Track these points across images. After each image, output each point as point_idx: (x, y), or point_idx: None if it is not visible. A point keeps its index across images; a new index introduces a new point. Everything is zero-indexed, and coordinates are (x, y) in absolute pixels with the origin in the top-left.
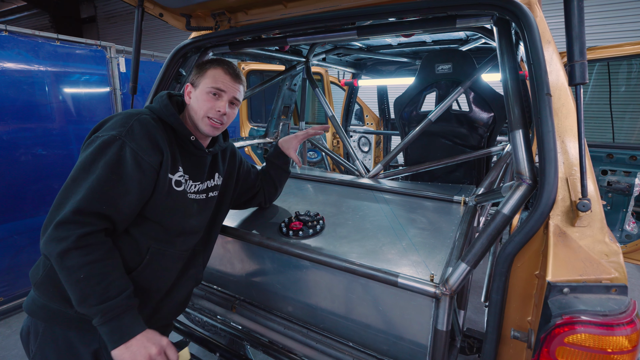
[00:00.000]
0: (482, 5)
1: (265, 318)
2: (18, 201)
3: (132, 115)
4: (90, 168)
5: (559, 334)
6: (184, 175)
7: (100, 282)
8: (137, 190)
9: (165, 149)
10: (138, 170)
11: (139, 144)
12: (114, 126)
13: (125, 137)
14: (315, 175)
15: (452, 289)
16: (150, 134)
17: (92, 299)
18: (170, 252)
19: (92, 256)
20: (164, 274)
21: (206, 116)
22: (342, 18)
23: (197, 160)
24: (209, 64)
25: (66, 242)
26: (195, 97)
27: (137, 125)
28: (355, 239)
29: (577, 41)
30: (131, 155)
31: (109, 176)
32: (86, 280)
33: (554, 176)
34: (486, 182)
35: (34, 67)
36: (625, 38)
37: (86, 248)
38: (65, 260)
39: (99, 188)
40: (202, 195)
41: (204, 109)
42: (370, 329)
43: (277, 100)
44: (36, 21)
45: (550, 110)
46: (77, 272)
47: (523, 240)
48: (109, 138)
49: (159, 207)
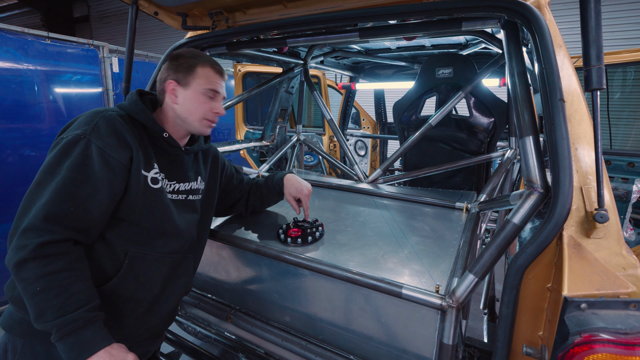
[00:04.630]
0: (490, 8)
1: (261, 329)
2: (4, 203)
3: (97, 112)
4: (55, 170)
5: (578, 353)
6: (160, 172)
7: (58, 295)
8: (107, 189)
9: (134, 145)
10: (106, 168)
11: (105, 141)
12: (79, 125)
13: (90, 135)
14: (313, 180)
15: (459, 301)
16: (116, 130)
17: (49, 314)
18: (151, 255)
19: (50, 267)
20: (147, 280)
21: (204, 118)
22: (345, 19)
23: (174, 159)
24: (193, 59)
25: (23, 252)
26: (186, 97)
27: (102, 122)
28: (355, 247)
29: (594, 45)
30: (98, 153)
31: (75, 177)
32: (43, 293)
33: (568, 185)
34: (488, 188)
35: (23, 66)
36: (621, 46)
37: (45, 259)
38: (21, 271)
39: (65, 190)
40: (182, 197)
41: (201, 112)
42: (372, 341)
43: (274, 103)
44: (27, 20)
45: (564, 117)
46: (34, 284)
47: (536, 251)
48: (73, 137)
49: (136, 207)
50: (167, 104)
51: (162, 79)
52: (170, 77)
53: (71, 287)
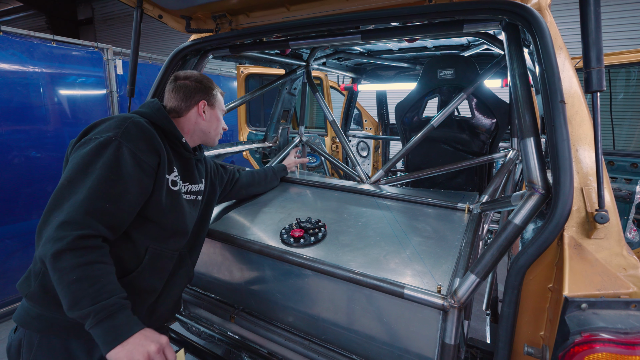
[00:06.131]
0: (491, 10)
1: (264, 329)
2: (10, 204)
3: (126, 118)
4: (88, 169)
5: (578, 353)
6: (178, 175)
7: (93, 284)
8: (137, 189)
9: (162, 151)
10: (138, 169)
11: (136, 144)
12: (109, 128)
13: (122, 137)
14: (315, 181)
15: (461, 301)
16: (146, 135)
17: (85, 301)
18: (165, 252)
19: (86, 258)
20: (159, 273)
21: (219, 132)
22: (347, 22)
23: (186, 162)
24: (211, 84)
25: (62, 243)
26: (211, 115)
27: (133, 127)
28: (358, 247)
29: (594, 47)
30: (130, 155)
31: (109, 176)
32: (79, 283)
33: (569, 186)
34: (489, 189)
35: (28, 68)
36: (624, 46)
37: (81, 250)
38: (58, 262)
39: (100, 187)
40: (192, 197)
41: (219, 128)
42: (374, 341)
43: (277, 104)
44: (32, 22)
45: (565, 118)
46: (70, 273)
47: (537, 252)
48: (105, 140)
49: (159, 207)
50: (191, 118)
51: (189, 97)
52: (203, 97)
53: (104, 277)
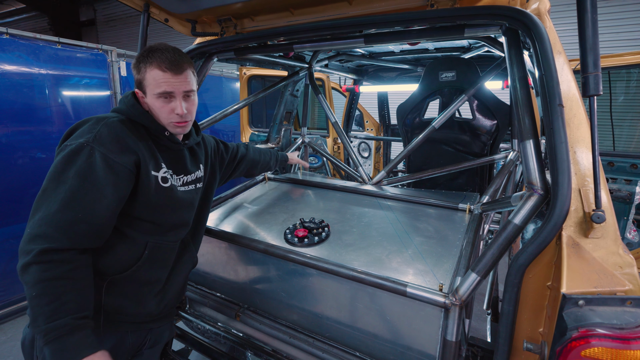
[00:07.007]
0: (492, 16)
1: (269, 326)
2: (15, 205)
3: (99, 120)
4: (61, 178)
5: (575, 347)
6: (167, 170)
7: (50, 302)
8: (113, 192)
9: (139, 149)
10: (110, 173)
11: (108, 147)
12: (82, 134)
13: (94, 142)
14: (318, 182)
15: (462, 299)
16: (118, 136)
17: (40, 319)
18: (165, 244)
19: (49, 273)
20: (162, 264)
21: (170, 121)
22: (350, 26)
23: (176, 154)
24: (143, 60)
25: (28, 257)
26: (150, 104)
27: (105, 129)
28: (361, 247)
29: (591, 53)
30: (101, 159)
31: (82, 184)
32: (38, 299)
33: (567, 187)
34: (490, 190)
35: (34, 70)
36: (625, 47)
37: (46, 264)
38: (25, 274)
39: (73, 197)
40: (191, 187)
41: (164, 116)
42: (377, 338)
43: (280, 105)
44: (35, 23)
45: (563, 121)
46: (32, 288)
47: (536, 251)
48: (77, 146)
49: (149, 206)
50: None
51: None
52: (135, 86)
53: (65, 295)
